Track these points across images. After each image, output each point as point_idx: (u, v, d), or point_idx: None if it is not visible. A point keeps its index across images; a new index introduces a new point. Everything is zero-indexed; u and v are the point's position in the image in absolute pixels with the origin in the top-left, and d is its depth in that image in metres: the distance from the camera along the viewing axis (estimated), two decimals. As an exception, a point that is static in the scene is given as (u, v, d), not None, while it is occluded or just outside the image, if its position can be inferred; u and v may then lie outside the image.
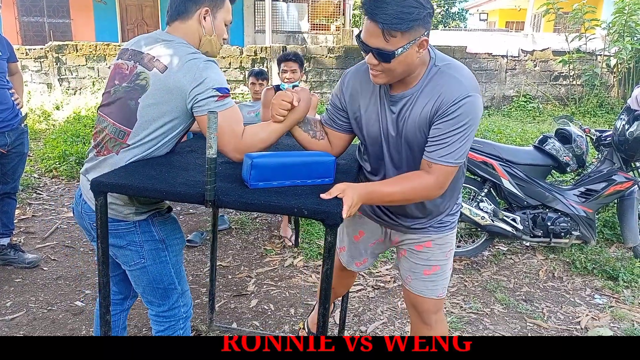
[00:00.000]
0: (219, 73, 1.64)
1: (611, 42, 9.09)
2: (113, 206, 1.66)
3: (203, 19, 1.71)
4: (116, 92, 1.69)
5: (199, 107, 1.61)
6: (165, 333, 1.87)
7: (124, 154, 1.66)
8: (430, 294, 1.88)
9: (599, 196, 3.47)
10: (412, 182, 1.55)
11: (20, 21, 14.64)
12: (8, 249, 3.33)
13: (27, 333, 2.62)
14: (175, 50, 1.63)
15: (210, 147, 1.35)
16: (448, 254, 1.89)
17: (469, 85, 1.52)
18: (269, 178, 1.50)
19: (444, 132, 1.51)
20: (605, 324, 2.82)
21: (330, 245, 1.38)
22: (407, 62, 1.49)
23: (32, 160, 5.68)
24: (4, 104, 3.03)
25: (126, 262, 1.76)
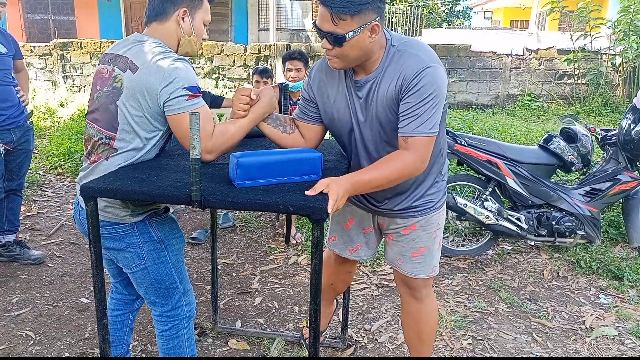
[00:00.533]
0: (190, 71, 1.62)
1: (616, 41, 9.05)
2: (109, 209, 1.67)
3: (181, 19, 1.70)
4: (99, 98, 1.69)
5: (170, 107, 1.59)
6: (169, 332, 1.89)
7: (113, 159, 1.66)
8: (420, 274, 1.96)
9: (604, 195, 3.46)
10: (394, 162, 1.56)
11: (25, 18, 14.68)
12: (14, 245, 3.34)
13: (32, 329, 2.63)
14: (146, 51, 1.62)
15: (193, 148, 1.36)
16: (434, 234, 1.93)
17: (427, 58, 1.56)
18: (255, 176, 1.52)
19: (412, 105, 1.55)
20: (610, 323, 2.82)
21: (317, 241, 1.40)
22: (359, 47, 1.53)
23: (37, 157, 5.70)
24: (9, 101, 3.04)
25: (127, 264, 1.77)
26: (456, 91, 9.78)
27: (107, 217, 1.68)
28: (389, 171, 1.55)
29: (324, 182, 1.45)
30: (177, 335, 1.89)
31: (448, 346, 2.59)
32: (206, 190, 1.46)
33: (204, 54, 9.58)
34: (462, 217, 3.45)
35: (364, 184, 1.53)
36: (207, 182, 1.54)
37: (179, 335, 1.90)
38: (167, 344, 1.90)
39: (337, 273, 2.27)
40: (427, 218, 1.89)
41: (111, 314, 2.08)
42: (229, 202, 1.44)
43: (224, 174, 1.64)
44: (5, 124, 3.02)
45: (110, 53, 1.72)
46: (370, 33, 1.52)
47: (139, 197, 1.49)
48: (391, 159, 1.57)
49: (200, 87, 1.66)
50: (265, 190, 1.49)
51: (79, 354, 2.45)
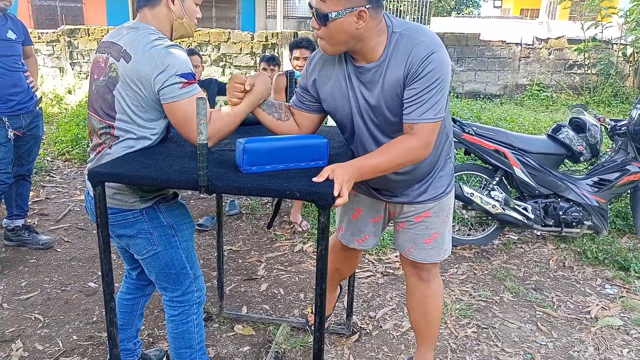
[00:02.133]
0: (183, 58, 1.60)
1: (628, 31, 8.93)
2: (118, 196, 1.68)
3: (171, 3, 1.67)
4: (97, 88, 1.68)
5: (164, 95, 1.58)
6: (179, 318, 1.90)
7: (116, 147, 1.66)
8: (432, 259, 1.97)
9: (612, 186, 3.44)
10: (399, 147, 1.56)
11: (33, 4, 14.68)
12: (22, 230, 3.38)
13: (41, 312, 2.67)
14: (139, 39, 1.60)
15: (200, 133, 1.36)
16: (446, 218, 1.94)
17: (431, 42, 1.56)
18: (261, 162, 1.52)
19: (419, 90, 1.55)
20: (616, 314, 2.82)
21: (323, 226, 1.40)
22: (345, 30, 1.52)
23: (45, 143, 5.73)
24: (19, 87, 3.05)
25: (138, 251, 1.78)
26: (464, 80, 9.71)
27: (116, 204, 1.69)
28: (394, 156, 1.55)
29: (329, 167, 1.45)
30: (186, 321, 1.91)
31: (452, 334, 2.60)
32: (213, 175, 1.46)
33: (210, 41, 9.56)
34: (468, 207, 3.44)
35: (369, 168, 1.52)
36: (214, 167, 1.54)
37: (189, 321, 1.91)
38: (176, 328, 1.91)
39: (344, 259, 2.28)
40: (439, 203, 1.89)
41: (123, 297, 2.10)
42: (236, 188, 1.44)
43: (231, 159, 1.64)
44: (15, 110, 3.04)
45: (106, 41, 1.71)
46: (357, 19, 1.51)
47: (145, 182, 1.49)
48: (396, 144, 1.57)
49: (194, 74, 1.64)
50: (271, 175, 1.50)
51: (87, 337, 2.48)
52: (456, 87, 9.65)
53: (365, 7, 1.50)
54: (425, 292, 2.06)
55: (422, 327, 2.13)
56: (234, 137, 1.93)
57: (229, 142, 1.87)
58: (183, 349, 1.94)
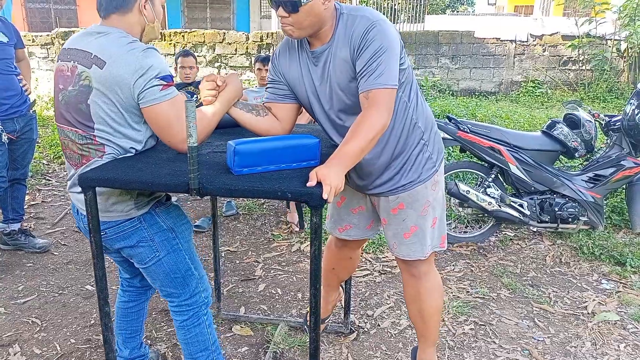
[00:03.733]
0: (160, 60, 1.58)
1: (622, 27, 8.95)
2: (113, 207, 1.65)
3: (143, 8, 1.64)
4: (64, 98, 1.62)
5: (145, 98, 1.55)
6: (190, 321, 1.87)
7: (107, 157, 1.62)
8: (417, 254, 1.95)
9: (608, 181, 3.45)
10: (363, 123, 1.56)
11: (27, 8, 14.62)
12: (19, 234, 3.37)
13: (38, 316, 2.66)
14: (111, 43, 1.56)
15: (190, 136, 1.37)
16: (423, 211, 1.90)
17: (371, 16, 1.63)
18: (253, 164, 1.52)
19: (366, 61, 1.59)
20: (612, 309, 2.83)
21: (316, 227, 1.40)
22: (314, 13, 1.59)
23: (40, 146, 5.71)
24: (12, 90, 3.04)
25: (142, 260, 1.75)
26: (459, 78, 9.72)
27: (113, 217, 1.66)
28: (364, 131, 1.54)
29: (314, 170, 1.44)
30: (197, 324, 1.88)
31: (450, 331, 2.60)
32: (204, 178, 1.46)
33: (205, 42, 9.54)
34: (464, 204, 3.45)
35: (350, 155, 1.52)
36: (205, 169, 1.54)
37: (200, 323, 1.89)
38: (189, 333, 1.88)
39: (338, 257, 2.28)
40: (411, 193, 1.87)
41: (126, 306, 2.07)
42: (227, 190, 1.44)
43: (222, 161, 1.64)
44: (8, 113, 3.03)
45: (69, 48, 1.64)
46: (324, 0, 1.59)
47: (136, 186, 1.49)
48: (360, 122, 1.57)
49: (173, 76, 1.63)
50: (263, 177, 1.49)
51: (85, 340, 2.48)
52: (451, 84, 9.66)
53: None
54: (417, 289, 2.05)
55: (418, 323, 2.14)
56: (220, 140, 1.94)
57: (220, 144, 1.87)
58: (199, 352, 1.91)
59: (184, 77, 3.95)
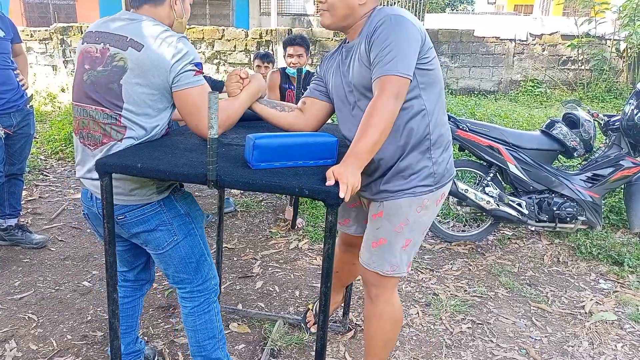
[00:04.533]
0: (193, 48, 1.66)
1: (621, 27, 8.96)
2: (135, 192, 1.67)
3: (175, 3, 1.72)
4: (90, 77, 1.66)
5: (179, 82, 1.62)
6: (200, 308, 1.88)
7: (126, 140, 1.65)
8: (375, 267, 1.84)
9: (606, 181, 3.45)
10: (372, 115, 1.53)
11: (25, 2, 14.56)
12: (16, 229, 3.36)
13: (35, 312, 2.65)
14: (148, 29, 1.63)
15: (211, 127, 1.36)
16: (398, 228, 1.77)
17: (389, 10, 1.65)
18: (271, 159, 1.52)
19: (378, 51, 1.60)
20: (610, 308, 2.83)
21: (331, 225, 1.39)
22: (348, 3, 1.66)
23: (38, 142, 5.69)
24: (8, 85, 3.02)
25: (159, 245, 1.76)
26: (459, 77, 9.72)
27: (134, 201, 1.68)
28: (374, 124, 1.51)
29: (330, 170, 1.43)
30: (207, 310, 1.90)
31: (447, 330, 2.60)
32: (222, 170, 1.45)
33: (204, 38, 9.51)
34: (463, 203, 3.45)
35: (364, 151, 1.50)
36: (223, 162, 1.54)
37: (209, 310, 1.90)
38: (198, 319, 1.89)
39: (342, 261, 2.27)
40: (393, 204, 1.76)
41: (121, 302, 2.04)
42: (245, 184, 1.43)
43: (240, 154, 1.64)
44: (5, 108, 3.01)
45: (97, 31, 1.69)
46: None
47: (154, 174, 1.49)
48: (369, 114, 1.53)
49: (202, 64, 1.69)
50: (280, 172, 1.49)
51: (81, 336, 2.47)
52: (450, 83, 9.66)
53: None
54: (369, 309, 1.95)
55: (364, 341, 2.06)
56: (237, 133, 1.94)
57: (237, 137, 1.87)
58: (206, 340, 1.92)
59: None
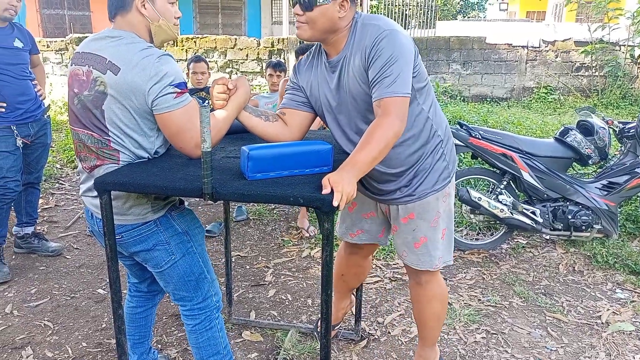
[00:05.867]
0: (175, 67, 1.57)
1: (635, 32, 8.87)
2: (130, 211, 1.66)
3: (143, 7, 1.60)
4: (80, 102, 1.62)
5: (158, 106, 1.55)
6: (202, 325, 1.88)
7: (124, 163, 1.63)
8: (425, 265, 1.98)
9: (622, 189, 3.41)
10: (376, 131, 1.56)
11: (42, 14, 14.83)
12: (32, 237, 3.40)
13: (51, 319, 2.68)
14: (126, 49, 1.55)
15: (204, 141, 1.37)
16: (434, 223, 1.92)
17: (383, 24, 1.64)
18: (266, 169, 1.53)
19: (378, 70, 1.60)
20: (627, 318, 2.78)
21: (327, 232, 1.41)
22: (327, 17, 1.63)
23: (54, 151, 5.78)
24: (26, 95, 3.08)
25: (157, 264, 1.75)
26: (471, 84, 9.68)
27: (130, 220, 1.67)
28: (377, 140, 1.54)
29: (327, 177, 1.44)
30: (209, 327, 1.89)
31: (462, 340, 2.58)
32: (217, 183, 1.47)
33: (217, 48, 9.61)
34: (476, 211, 3.42)
35: (362, 162, 1.52)
36: (218, 174, 1.55)
37: (211, 327, 1.89)
38: (200, 337, 1.89)
39: (348, 264, 2.30)
40: (422, 203, 1.89)
41: (134, 311, 2.07)
42: (240, 195, 1.45)
43: (235, 166, 1.65)
44: (23, 118, 3.07)
45: (83, 52, 1.63)
46: (340, 7, 1.63)
47: (151, 190, 1.50)
48: (373, 130, 1.57)
49: (186, 83, 1.63)
50: (276, 182, 1.50)
51: (96, 344, 2.49)
52: (462, 90, 9.62)
53: None
54: (419, 295, 2.11)
55: (418, 324, 2.20)
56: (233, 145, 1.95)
57: (233, 149, 1.88)
58: (211, 356, 1.92)
59: (196, 82, 3.97)
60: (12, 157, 3.03)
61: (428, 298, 2.09)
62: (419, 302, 2.12)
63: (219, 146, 1.92)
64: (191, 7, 15.06)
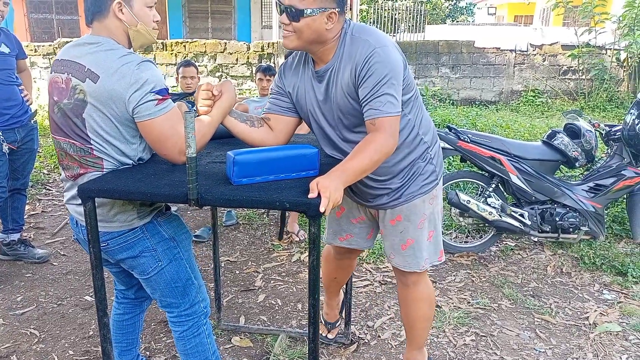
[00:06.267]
0: (156, 73, 1.55)
1: (621, 36, 8.99)
2: (115, 217, 1.64)
3: (120, 12, 1.57)
4: (60, 110, 1.60)
5: (140, 113, 1.52)
6: (189, 332, 1.86)
7: (108, 170, 1.61)
8: (412, 267, 2.00)
9: (608, 191, 3.45)
10: (371, 144, 1.58)
11: (29, 18, 14.72)
12: (18, 244, 3.37)
13: (37, 327, 2.65)
14: (105, 56, 1.52)
15: (189, 146, 1.37)
16: (420, 224, 1.94)
17: (374, 41, 1.62)
18: (252, 174, 1.52)
19: (371, 88, 1.60)
20: (614, 319, 2.81)
21: (314, 237, 1.41)
22: (314, 28, 1.60)
23: (41, 156, 5.72)
24: (13, 100, 3.05)
25: (144, 270, 1.74)
26: (459, 88, 9.75)
27: (115, 227, 1.65)
28: (370, 152, 1.56)
29: (315, 181, 1.45)
30: (197, 333, 1.87)
31: (451, 342, 2.58)
32: (203, 188, 1.46)
33: (207, 52, 9.59)
34: (465, 214, 3.44)
35: (352, 171, 1.53)
36: (204, 180, 1.54)
37: (199, 333, 1.88)
38: (189, 343, 1.87)
39: (338, 267, 2.33)
40: (409, 206, 1.91)
41: (121, 318, 2.05)
42: (226, 200, 1.44)
43: (221, 171, 1.65)
44: (9, 124, 3.04)
45: (62, 59, 1.61)
46: (327, 19, 1.60)
47: (135, 196, 1.49)
48: (367, 142, 1.59)
49: (168, 89, 1.61)
50: (261, 187, 1.50)
51: (83, 352, 2.46)
52: (451, 94, 9.68)
53: (336, 9, 1.61)
54: (406, 296, 2.12)
55: (406, 326, 2.21)
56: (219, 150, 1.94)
57: (219, 155, 1.87)
58: None
59: (185, 87, 3.96)
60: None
61: (415, 299, 2.11)
62: (407, 303, 2.13)
63: (204, 151, 1.91)
64: (181, 11, 15.03)
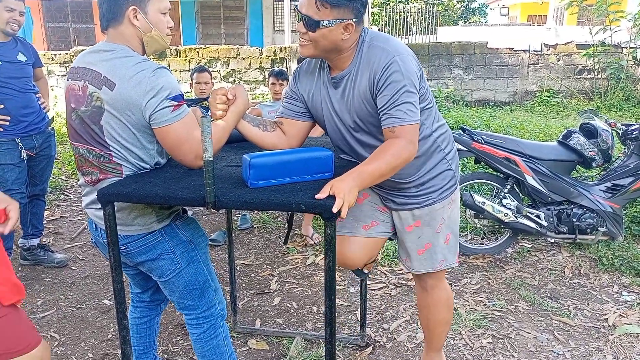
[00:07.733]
0: (171, 79, 1.57)
1: (637, 34, 8.86)
2: (135, 221, 1.67)
3: (135, 18, 1.59)
4: (77, 117, 1.63)
5: (156, 120, 1.55)
6: (207, 334, 1.88)
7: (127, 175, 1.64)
8: (425, 269, 2.01)
9: (626, 191, 3.40)
10: (389, 149, 1.59)
11: (46, 27, 14.98)
12: (38, 249, 3.42)
13: (57, 331, 2.69)
14: (120, 63, 1.55)
15: (206, 150, 1.38)
16: (438, 229, 1.95)
17: (392, 49, 1.63)
18: (268, 177, 1.54)
19: (389, 98, 1.61)
20: (634, 321, 2.76)
21: (330, 238, 1.41)
22: (331, 39, 1.62)
23: (59, 162, 5.81)
24: (30, 108, 3.11)
25: (162, 273, 1.76)
26: (473, 89, 9.69)
27: (135, 231, 1.68)
28: (389, 157, 1.57)
29: (330, 183, 1.46)
30: (214, 335, 1.89)
31: (468, 345, 2.57)
32: (219, 191, 1.48)
33: (220, 57, 9.67)
34: (480, 215, 3.42)
35: (369, 174, 1.53)
36: (221, 183, 1.56)
37: (216, 336, 1.89)
38: (206, 346, 1.89)
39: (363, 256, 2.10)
40: (429, 210, 1.91)
41: (138, 322, 2.08)
42: (242, 203, 1.46)
43: (237, 175, 1.66)
44: (27, 131, 3.10)
45: (78, 67, 1.63)
46: (344, 30, 1.61)
47: (154, 200, 1.51)
48: (387, 147, 1.60)
49: (183, 94, 1.63)
50: (277, 189, 1.51)
51: (102, 354, 2.50)
52: (465, 95, 9.63)
53: (353, 20, 1.61)
54: (425, 300, 2.12)
55: (424, 330, 2.21)
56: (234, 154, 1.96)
57: (235, 158, 1.89)
58: None
59: (199, 92, 4.00)
60: (16, 170, 3.05)
61: (434, 303, 2.11)
62: (425, 307, 2.13)
63: (219, 155, 1.93)
64: (194, 17, 15.18)
